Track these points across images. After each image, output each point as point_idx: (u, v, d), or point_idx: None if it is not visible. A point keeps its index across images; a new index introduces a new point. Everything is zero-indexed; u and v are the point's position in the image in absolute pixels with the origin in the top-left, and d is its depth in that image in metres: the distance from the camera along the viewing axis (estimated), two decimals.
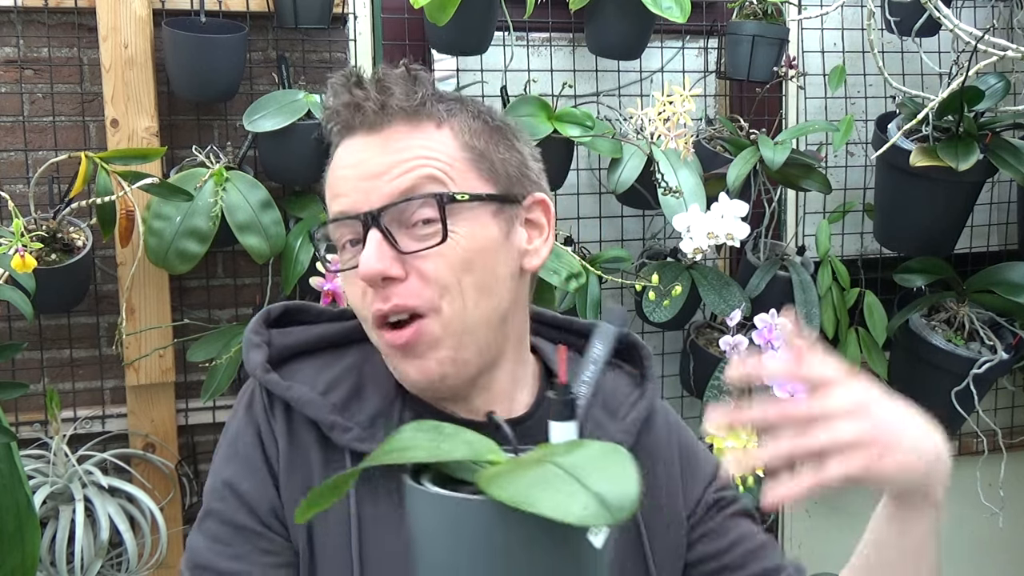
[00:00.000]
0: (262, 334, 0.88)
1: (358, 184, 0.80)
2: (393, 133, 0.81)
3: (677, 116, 1.78)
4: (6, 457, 1.33)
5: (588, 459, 0.59)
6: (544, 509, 0.53)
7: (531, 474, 0.57)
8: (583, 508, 0.54)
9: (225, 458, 0.85)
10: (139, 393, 1.81)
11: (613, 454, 0.59)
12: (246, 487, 0.82)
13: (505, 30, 1.87)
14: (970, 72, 1.71)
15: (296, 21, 1.73)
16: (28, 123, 1.78)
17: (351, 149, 0.82)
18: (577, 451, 0.60)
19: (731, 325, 1.73)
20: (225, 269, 1.91)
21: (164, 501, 1.81)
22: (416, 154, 0.80)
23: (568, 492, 0.55)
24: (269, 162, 1.78)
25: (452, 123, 0.83)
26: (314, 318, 0.93)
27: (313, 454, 0.83)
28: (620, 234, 2.14)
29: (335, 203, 0.82)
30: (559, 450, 0.61)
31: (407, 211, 0.79)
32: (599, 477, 0.56)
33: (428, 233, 0.79)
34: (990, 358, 1.96)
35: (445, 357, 0.80)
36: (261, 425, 0.84)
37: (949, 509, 0.88)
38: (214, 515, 0.82)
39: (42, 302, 1.52)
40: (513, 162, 0.86)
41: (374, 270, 0.77)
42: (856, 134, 2.19)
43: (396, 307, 0.79)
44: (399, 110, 0.81)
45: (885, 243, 2.10)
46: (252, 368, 0.85)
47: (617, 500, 0.54)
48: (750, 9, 1.93)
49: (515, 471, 0.58)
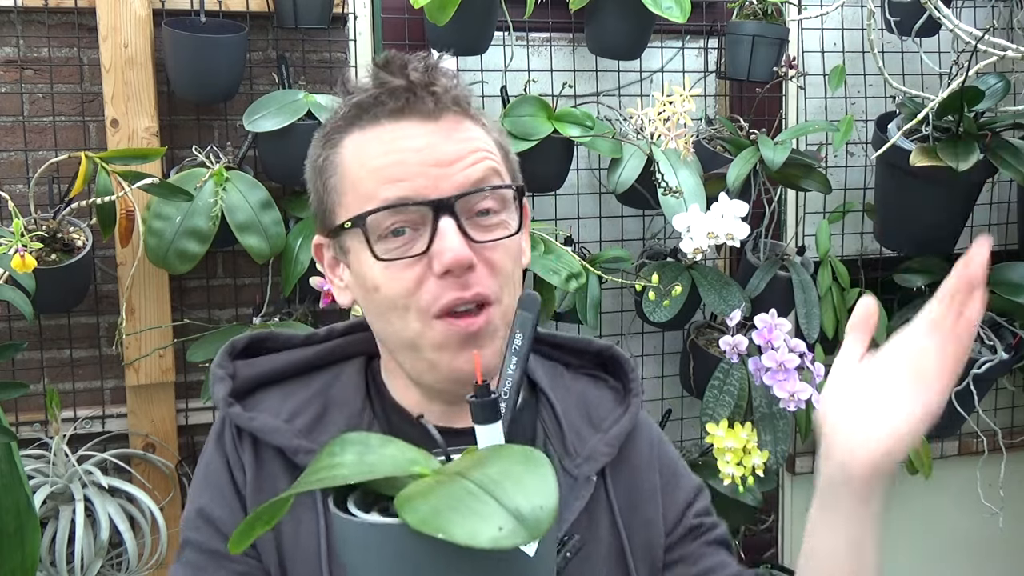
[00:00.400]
0: (226, 367, 0.88)
1: (425, 170, 0.77)
2: (451, 123, 0.80)
3: (677, 116, 1.78)
4: (6, 457, 1.33)
5: (503, 472, 0.55)
6: (456, 536, 0.50)
7: (443, 493, 0.54)
8: (498, 530, 0.51)
9: (199, 487, 0.86)
10: (139, 393, 1.81)
11: (531, 462, 0.56)
12: (218, 514, 0.83)
13: (505, 30, 1.87)
14: (970, 72, 1.71)
15: (296, 21, 1.73)
16: (28, 123, 1.78)
17: (402, 134, 0.79)
18: (494, 462, 0.57)
19: (731, 325, 1.73)
20: (225, 269, 1.91)
21: (164, 501, 1.81)
22: (478, 146, 0.81)
23: (481, 513, 0.52)
24: (269, 162, 1.78)
25: (483, 120, 0.85)
26: (281, 345, 0.93)
27: (281, 482, 0.83)
28: (620, 234, 2.14)
29: (387, 188, 0.77)
30: (475, 461, 0.58)
31: (473, 201, 0.79)
32: (515, 491, 0.53)
33: (492, 224, 0.80)
34: (990, 358, 1.96)
35: (497, 348, 0.80)
36: (230, 456, 0.85)
37: (949, 509, 0.88)
38: (191, 545, 0.84)
39: (42, 302, 1.52)
40: (517, 164, 0.88)
41: (465, 256, 0.76)
42: (856, 134, 2.19)
43: (477, 295, 0.78)
44: (456, 101, 0.81)
45: (885, 243, 2.10)
46: (217, 401, 0.86)
47: (533, 514, 0.51)
48: (750, 9, 1.93)
49: (429, 490, 0.55)
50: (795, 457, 2.26)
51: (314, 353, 0.91)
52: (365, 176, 0.79)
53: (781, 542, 2.32)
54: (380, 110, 0.80)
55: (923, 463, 2.09)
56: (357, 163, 0.80)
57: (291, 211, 1.83)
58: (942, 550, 2.44)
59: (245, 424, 0.84)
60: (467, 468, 0.57)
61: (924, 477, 2.10)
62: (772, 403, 1.76)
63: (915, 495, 2.38)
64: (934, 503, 2.40)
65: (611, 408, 0.93)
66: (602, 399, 0.94)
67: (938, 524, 2.42)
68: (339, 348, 0.91)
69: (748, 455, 1.66)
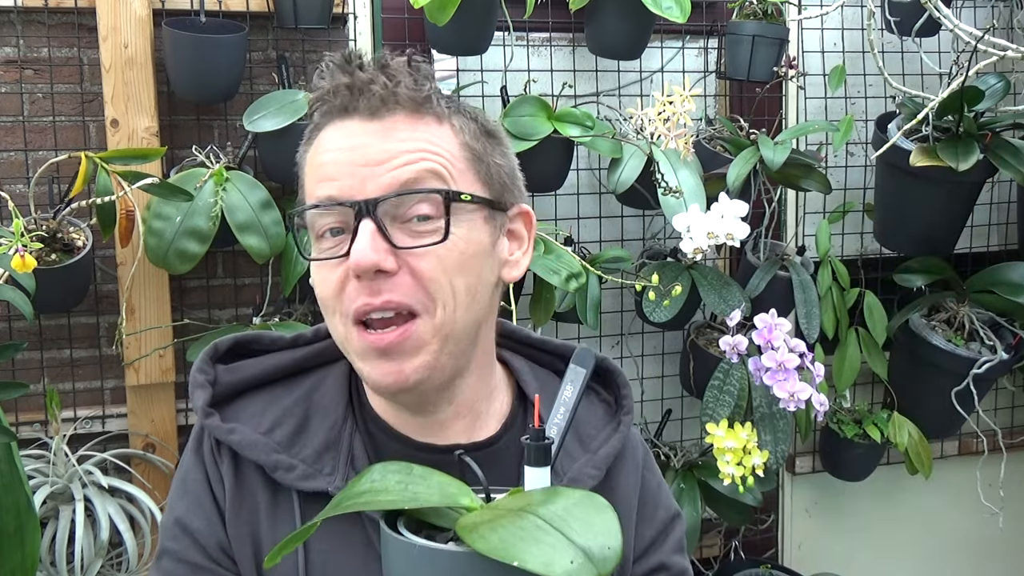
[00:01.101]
0: (207, 372, 0.86)
1: (354, 169, 0.76)
2: (395, 122, 0.77)
3: (677, 116, 1.78)
4: (6, 457, 1.33)
5: (569, 511, 0.58)
6: (532, 565, 0.53)
7: (513, 526, 0.57)
8: (570, 563, 0.53)
9: (177, 496, 0.85)
10: (139, 393, 1.81)
11: (594, 505, 0.59)
12: (196, 525, 0.82)
13: (505, 30, 1.87)
14: (970, 72, 1.71)
15: (296, 21, 1.73)
16: (28, 123, 1.78)
17: (345, 132, 0.78)
18: (556, 501, 0.59)
19: (731, 325, 1.73)
20: (225, 269, 1.91)
21: (164, 501, 1.81)
22: (419, 146, 0.77)
23: (553, 546, 0.54)
24: (269, 162, 1.78)
25: (453, 121, 0.81)
26: (266, 347, 0.91)
27: (260, 494, 0.82)
28: (620, 234, 2.14)
29: (321, 187, 0.77)
30: (537, 499, 0.60)
31: (404, 204, 0.76)
32: (583, 530, 0.56)
33: (424, 230, 0.76)
34: (990, 358, 1.96)
35: (423, 363, 0.77)
36: (208, 467, 0.84)
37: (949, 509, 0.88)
38: (169, 554, 0.83)
39: (42, 302, 1.52)
40: (505, 169, 0.84)
41: (369, 261, 0.73)
42: (856, 134, 2.19)
43: (387, 303, 0.75)
44: (406, 99, 0.78)
45: (885, 243, 2.10)
46: (196, 409, 0.84)
47: (602, 553, 0.54)
48: (750, 9, 1.93)
49: (494, 521, 0.58)
50: (795, 457, 2.26)
51: (301, 356, 0.89)
52: (310, 174, 0.80)
53: (781, 542, 2.32)
54: (330, 108, 0.79)
55: (923, 463, 2.09)
56: (309, 162, 0.81)
57: (291, 211, 1.83)
58: (942, 550, 2.44)
59: (223, 437, 0.82)
60: (529, 506, 0.59)
61: (924, 477, 2.10)
62: (772, 403, 1.77)
63: (915, 495, 2.38)
64: (934, 503, 2.40)
65: (601, 425, 0.91)
66: (592, 414, 0.92)
67: (938, 524, 2.42)
68: (326, 350, 0.89)
69: (748, 455, 1.66)
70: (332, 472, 0.81)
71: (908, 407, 2.13)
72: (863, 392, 2.28)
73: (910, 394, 2.14)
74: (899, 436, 2.08)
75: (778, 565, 2.23)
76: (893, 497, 2.37)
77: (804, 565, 2.30)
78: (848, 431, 2.09)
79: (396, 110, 0.77)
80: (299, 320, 1.82)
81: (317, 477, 0.81)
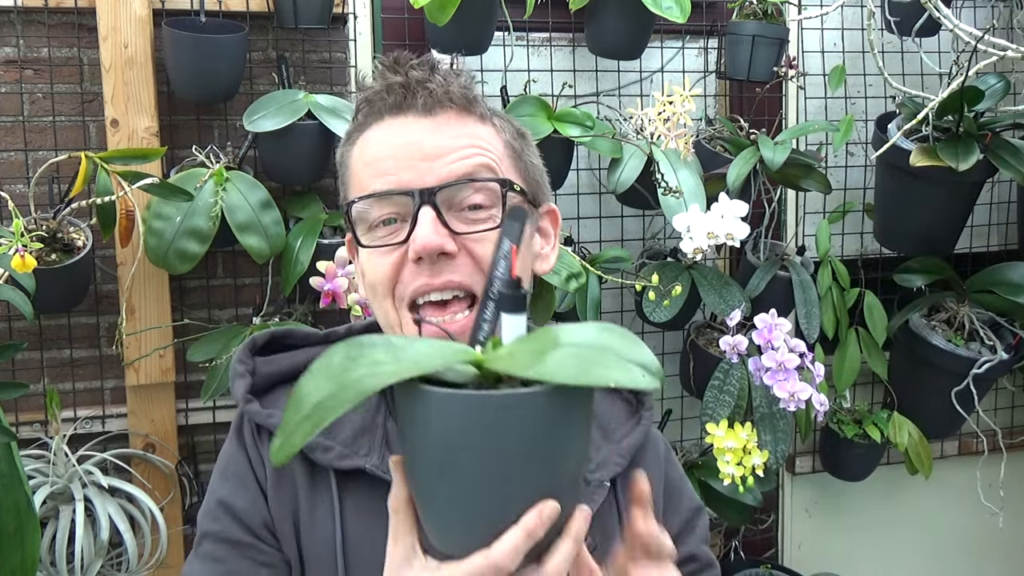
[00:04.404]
0: (246, 363, 0.90)
1: (412, 163, 0.80)
2: (448, 119, 0.82)
3: (677, 116, 1.78)
4: (6, 457, 1.33)
5: (600, 338, 0.59)
6: (624, 381, 0.55)
7: (567, 356, 0.56)
8: (642, 376, 0.56)
9: (219, 480, 0.88)
10: (139, 393, 1.81)
11: (614, 332, 0.60)
12: (240, 504, 0.85)
13: (505, 30, 1.87)
14: (970, 72, 1.71)
15: (296, 21, 1.73)
16: (28, 123, 1.78)
17: (400, 129, 0.82)
18: (575, 334, 0.59)
19: (731, 325, 1.73)
20: (225, 269, 1.91)
21: (164, 501, 1.81)
22: (472, 142, 0.82)
23: (621, 366, 0.56)
24: (269, 162, 1.78)
25: (494, 121, 0.86)
26: (300, 342, 0.94)
27: (299, 475, 0.85)
28: (620, 234, 2.14)
29: (379, 180, 0.81)
30: (552, 336, 0.59)
31: (461, 194, 0.80)
32: (627, 350, 0.58)
33: (479, 218, 0.81)
34: (990, 358, 1.96)
35: None
36: (250, 450, 0.87)
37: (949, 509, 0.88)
38: (210, 536, 0.85)
39: (42, 302, 1.52)
40: (538, 168, 0.89)
41: (434, 243, 0.77)
42: (856, 134, 2.19)
43: (448, 283, 0.79)
44: (459, 98, 0.82)
45: (885, 243, 2.10)
46: (236, 397, 0.88)
47: (654, 365, 0.58)
48: (750, 9, 1.93)
49: (542, 358, 0.56)
50: (795, 457, 2.26)
51: None
52: (362, 170, 0.83)
53: (781, 542, 2.32)
54: (382, 106, 0.83)
55: (923, 463, 2.09)
56: (359, 159, 0.84)
57: (291, 211, 1.83)
58: (942, 550, 2.44)
59: (263, 421, 0.86)
60: (557, 339, 0.59)
61: (924, 477, 2.10)
62: (772, 403, 1.76)
63: (915, 495, 2.38)
64: (934, 503, 2.40)
65: (622, 420, 0.94)
66: (613, 410, 0.95)
67: (938, 524, 2.42)
68: None
69: (748, 455, 1.66)
70: (368, 452, 0.84)
71: (908, 407, 2.13)
72: (863, 392, 2.28)
73: (910, 394, 2.14)
74: (899, 436, 2.08)
75: (778, 565, 2.23)
76: (893, 497, 2.37)
77: (804, 565, 2.31)
78: (848, 431, 2.09)
79: (448, 108, 0.82)
80: (299, 320, 1.82)
81: (353, 457, 0.84)
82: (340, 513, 0.83)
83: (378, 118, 0.83)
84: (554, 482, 0.59)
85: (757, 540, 2.29)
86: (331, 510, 0.83)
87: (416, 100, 0.81)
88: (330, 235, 1.79)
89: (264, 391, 0.89)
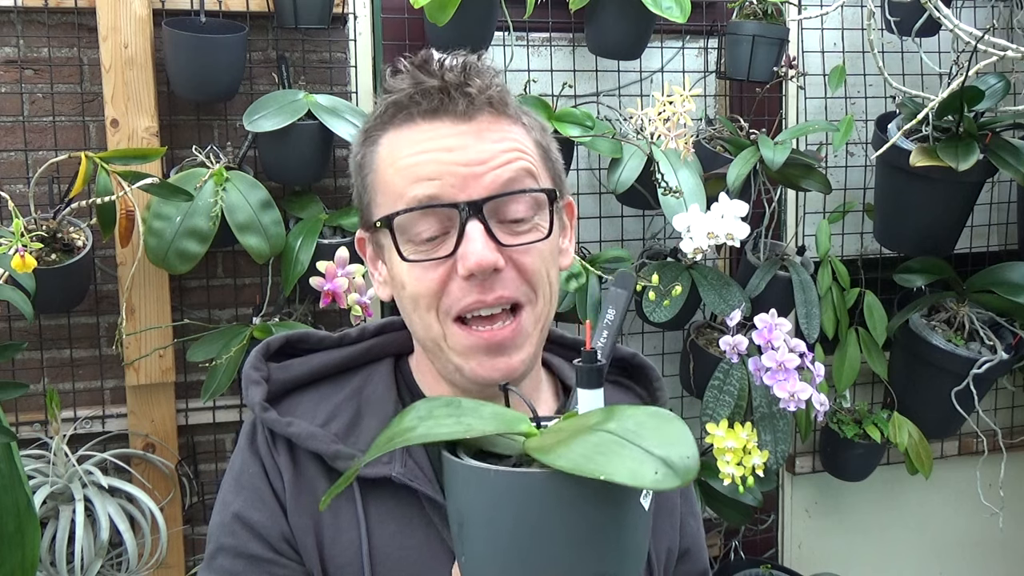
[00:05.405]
0: (261, 369, 0.88)
1: (454, 169, 0.77)
2: (485, 123, 0.80)
3: (677, 116, 1.77)
4: (6, 457, 1.33)
5: (641, 424, 0.57)
6: (619, 477, 0.52)
7: (589, 443, 0.56)
8: (654, 473, 0.53)
9: (233, 491, 0.85)
10: (139, 393, 1.81)
11: (663, 417, 0.58)
12: (257, 517, 0.83)
13: (505, 30, 1.87)
14: (970, 72, 1.71)
15: (296, 21, 1.73)
16: (28, 123, 1.78)
17: (437, 133, 0.79)
18: (624, 417, 0.58)
19: (731, 325, 1.73)
20: (225, 269, 1.91)
21: (164, 501, 1.81)
22: (512, 146, 0.80)
23: (634, 458, 0.54)
24: (269, 162, 1.78)
25: (523, 119, 0.84)
26: (314, 346, 0.93)
27: (319, 484, 0.83)
28: (620, 234, 2.14)
29: (419, 186, 0.78)
30: (603, 417, 0.59)
31: (505, 204, 0.78)
32: (659, 441, 0.55)
33: (523, 229, 0.79)
34: (990, 358, 1.96)
35: (528, 354, 0.81)
36: (265, 460, 0.85)
37: (949, 509, 0.88)
38: (226, 551, 0.83)
39: (42, 302, 1.52)
40: (560, 161, 0.88)
41: (489, 261, 0.76)
42: (856, 134, 2.19)
43: (499, 298, 0.78)
44: (498, 101, 0.81)
45: (885, 243, 2.10)
46: (252, 405, 0.85)
47: (682, 463, 0.54)
48: (750, 9, 1.93)
49: (568, 440, 0.56)
50: (795, 457, 2.26)
51: (348, 355, 0.91)
52: (396, 174, 0.80)
53: (781, 542, 2.32)
54: (415, 109, 0.80)
55: (923, 463, 2.09)
56: (390, 162, 0.81)
57: (291, 211, 1.83)
58: (942, 550, 2.44)
59: (282, 430, 0.84)
60: (595, 424, 0.58)
61: (924, 477, 2.10)
62: (772, 403, 1.76)
63: (915, 495, 2.38)
64: (934, 503, 2.40)
65: None
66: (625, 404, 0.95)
67: (938, 524, 2.42)
68: (371, 349, 0.92)
69: (748, 455, 1.66)
70: (390, 460, 0.83)
71: (908, 407, 2.13)
72: (863, 392, 2.28)
73: (910, 394, 2.14)
74: (899, 436, 2.08)
75: (778, 565, 2.23)
76: (893, 497, 2.37)
77: (804, 565, 2.31)
78: (848, 431, 2.09)
79: (484, 111, 0.80)
80: (299, 320, 1.82)
81: (377, 464, 0.82)
82: (365, 521, 0.82)
83: (408, 120, 0.80)
84: (567, 567, 0.58)
85: (757, 540, 2.29)
86: (355, 519, 0.82)
87: (455, 105, 0.79)
88: (330, 235, 1.79)
89: (280, 397, 0.88)
